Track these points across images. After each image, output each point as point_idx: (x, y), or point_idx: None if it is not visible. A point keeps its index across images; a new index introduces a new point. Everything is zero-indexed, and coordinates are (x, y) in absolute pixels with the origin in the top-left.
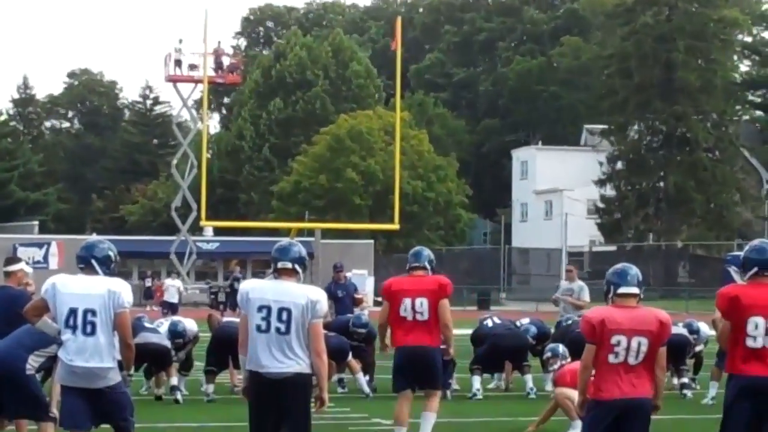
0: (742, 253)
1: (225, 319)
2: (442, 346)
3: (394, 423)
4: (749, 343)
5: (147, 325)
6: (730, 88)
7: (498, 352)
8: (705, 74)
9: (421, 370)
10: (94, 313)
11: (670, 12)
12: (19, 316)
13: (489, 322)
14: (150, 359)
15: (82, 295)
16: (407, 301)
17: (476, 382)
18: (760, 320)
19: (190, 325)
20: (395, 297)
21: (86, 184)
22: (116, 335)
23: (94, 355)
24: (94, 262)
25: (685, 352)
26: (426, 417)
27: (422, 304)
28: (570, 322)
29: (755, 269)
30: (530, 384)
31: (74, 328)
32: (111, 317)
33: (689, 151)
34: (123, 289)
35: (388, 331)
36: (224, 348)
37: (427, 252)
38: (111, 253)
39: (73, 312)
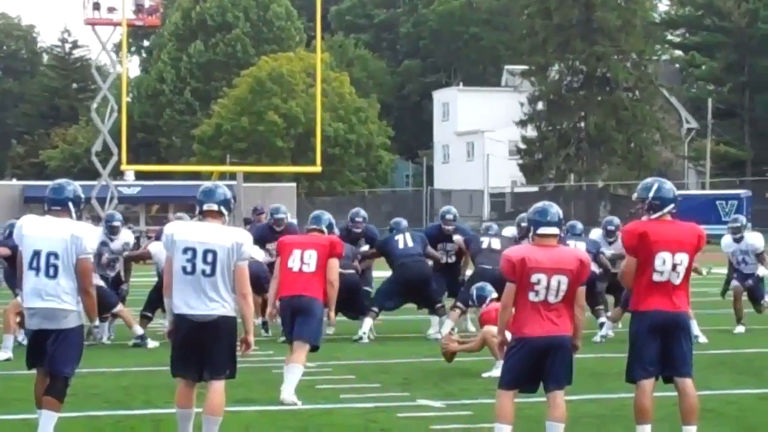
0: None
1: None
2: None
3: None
4: (656, 278)
5: None
6: (649, 27)
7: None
8: (624, 14)
9: (301, 321)
10: (56, 256)
11: None
12: None
13: (400, 243)
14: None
15: (46, 237)
16: (297, 252)
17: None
18: (667, 255)
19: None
20: (286, 248)
21: (5, 129)
22: None
23: (53, 296)
24: (71, 204)
25: (598, 290)
26: (290, 369)
27: (311, 256)
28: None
29: (658, 203)
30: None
31: (37, 270)
32: (73, 261)
33: (609, 91)
34: (87, 235)
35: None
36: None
37: (327, 216)
38: (81, 194)
39: (36, 254)
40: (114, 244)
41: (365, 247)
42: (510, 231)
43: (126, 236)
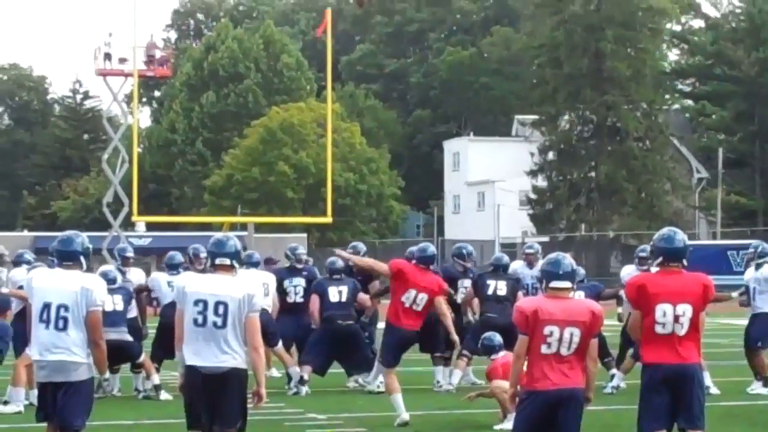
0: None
1: None
2: None
3: None
4: (658, 329)
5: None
6: (659, 77)
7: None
8: (634, 63)
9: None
10: (66, 308)
11: (599, 1)
12: None
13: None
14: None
15: (56, 289)
16: None
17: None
18: (667, 307)
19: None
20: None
21: (17, 180)
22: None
23: (63, 349)
24: (80, 257)
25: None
26: None
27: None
28: None
29: (661, 258)
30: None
31: (47, 322)
32: (83, 314)
33: (620, 141)
34: (97, 287)
35: None
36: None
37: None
38: (90, 246)
39: (46, 306)
40: (127, 277)
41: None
42: (519, 264)
43: (137, 274)
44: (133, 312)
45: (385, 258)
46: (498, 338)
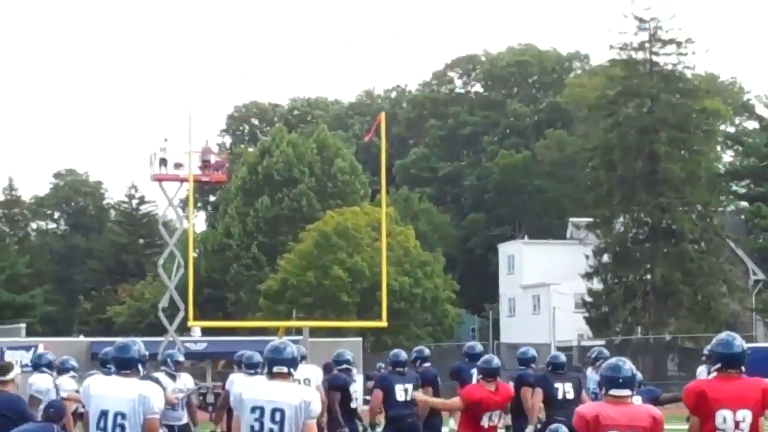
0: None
1: None
2: None
3: None
4: None
5: None
6: (714, 178)
7: None
8: (689, 165)
9: None
10: (123, 416)
11: (653, 104)
12: (21, 420)
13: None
14: None
15: (114, 397)
16: None
17: None
18: (727, 413)
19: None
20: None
21: (73, 285)
22: None
23: None
24: (137, 364)
25: None
26: None
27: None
28: None
29: (719, 364)
30: None
31: (104, 430)
32: (140, 422)
33: (675, 243)
34: (154, 395)
35: None
36: None
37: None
38: (146, 353)
39: (104, 414)
40: (177, 383)
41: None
42: (593, 374)
43: (187, 380)
44: (184, 417)
45: (440, 362)
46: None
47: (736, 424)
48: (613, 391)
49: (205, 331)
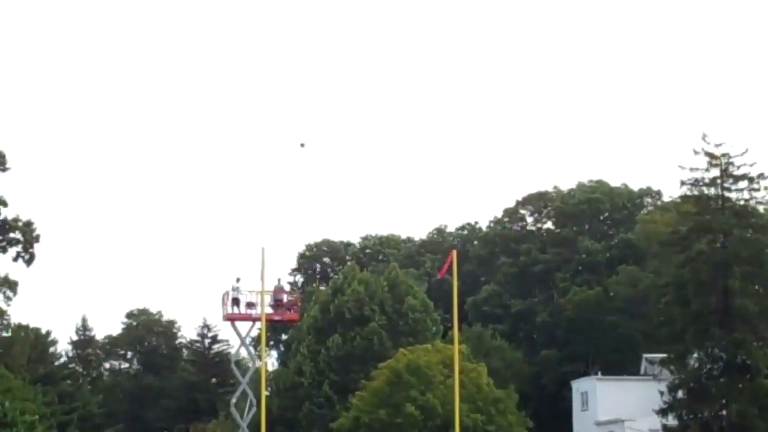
0: None
1: None
2: None
3: None
4: None
5: None
6: None
7: None
8: (763, 300)
9: None
10: None
11: (725, 239)
12: None
13: None
14: None
15: None
16: None
17: None
18: None
19: None
20: None
21: (146, 424)
22: None
23: None
24: None
25: None
26: None
27: None
28: None
29: None
30: None
31: None
32: None
33: (750, 378)
34: None
35: None
36: None
37: None
38: None
39: None
40: None
41: None
42: None
43: None
44: None
45: None
46: None
47: None
48: None
49: None
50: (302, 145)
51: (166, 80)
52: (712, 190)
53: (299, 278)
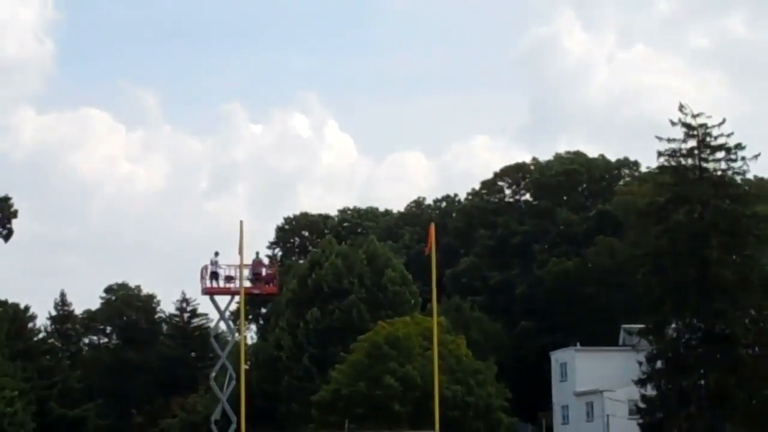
0: None
1: None
2: None
3: None
4: None
5: None
6: (766, 282)
7: None
8: (741, 270)
9: None
10: None
11: (703, 209)
12: None
13: None
14: None
15: None
16: None
17: None
18: None
19: None
20: None
21: (125, 399)
22: None
23: None
24: None
25: None
26: None
27: None
28: None
29: None
30: None
31: None
32: None
33: (728, 348)
34: None
35: None
36: None
37: None
38: None
39: None
40: None
41: None
42: None
43: None
44: None
45: None
46: None
47: None
48: None
49: None
50: None
51: None
52: (690, 161)
53: (278, 252)
